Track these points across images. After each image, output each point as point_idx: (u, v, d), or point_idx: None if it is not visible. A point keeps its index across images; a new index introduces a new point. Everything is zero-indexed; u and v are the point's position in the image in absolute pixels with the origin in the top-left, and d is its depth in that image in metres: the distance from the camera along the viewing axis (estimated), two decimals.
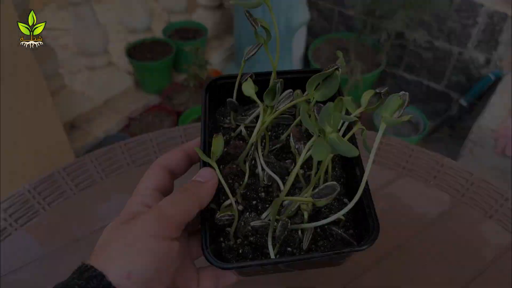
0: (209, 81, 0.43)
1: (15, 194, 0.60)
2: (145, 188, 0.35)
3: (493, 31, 1.54)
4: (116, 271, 0.28)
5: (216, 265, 0.32)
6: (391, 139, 0.69)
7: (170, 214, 0.31)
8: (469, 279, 0.52)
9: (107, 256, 0.29)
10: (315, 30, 2.02)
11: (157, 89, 1.85)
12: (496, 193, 0.61)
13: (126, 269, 0.28)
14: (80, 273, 0.29)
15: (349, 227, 0.38)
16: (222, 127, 0.44)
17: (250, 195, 0.39)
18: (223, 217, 0.35)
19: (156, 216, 0.31)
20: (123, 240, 0.30)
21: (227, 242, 0.36)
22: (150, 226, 0.30)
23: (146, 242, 0.29)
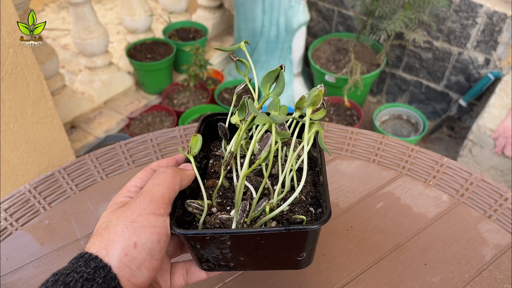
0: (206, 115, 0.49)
1: (15, 194, 0.60)
2: (133, 185, 0.39)
3: (493, 31, 1.54)
4: (123, 243, 0.32)
5: (175, 231, 0.35)
6: (390, 139, 0.70)
7: (161, 194, 0.35)
8: (469, 279, 0.52)
9: (112, 232, 0.33)
10: (315, 30, 2.02)
11: (157, 89, 1.85)
12: (495, 193, 0.62)
13: (132, 240, 0.32)
14: (86, 262, 0.32)
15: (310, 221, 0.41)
16: (214, 155, 0.49)
17: (226, 202, 0.43)
18: (192, 203, 0.39)
19: (149, 198, 0.35)
20: (124, 218, 0.33)
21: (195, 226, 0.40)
22: (148, 206, 0.34)
23: (147, 218, 0.34)
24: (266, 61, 1.87)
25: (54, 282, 0.30)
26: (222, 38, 2.18)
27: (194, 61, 1.71)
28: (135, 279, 0.33)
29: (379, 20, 1.65)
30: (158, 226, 0.34)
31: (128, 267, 0.32)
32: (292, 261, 0.39)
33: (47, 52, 1.47)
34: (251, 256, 0.39)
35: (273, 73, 0.39)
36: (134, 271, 0.32)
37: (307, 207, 0.42)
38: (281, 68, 0.40)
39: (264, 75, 0.40)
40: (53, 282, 0.31)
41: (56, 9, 2.59)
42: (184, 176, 0.39)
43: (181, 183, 0.38)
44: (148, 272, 0.33)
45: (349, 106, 1.75)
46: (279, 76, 0.40)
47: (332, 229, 0.57)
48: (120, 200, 0.37)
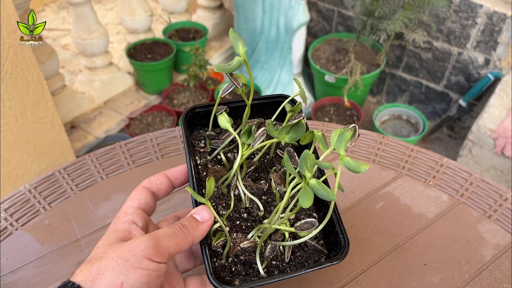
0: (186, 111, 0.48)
1: (15, 194, 0.60)
2: (129, 206, 0.39)
3: (492, 31, 1.54)
4: (110, 279, 0.32)
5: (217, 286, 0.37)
6: (390, 139, 0.70)
7: (166, 245, 0.35)
8: (469, 279, 0.52)
9: (102, 266, 0.33)
10: (315, 31, 2.02)
11: (157, 89, 1.85)
12: (495, 193, 0.62)
13: (120, 279, 0.32)
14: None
15: (320, 238, 0.45)
16: (198, 152, 0.49)
17: (234, 215, 0.44)
18: (218, 244, 0.41)
19: (153, 243, 0.34)
20: (119, 254, 0.33)
21: (220, 261, 0.41)
22: (146, 249, 0.34)
23: (140, 260, 0.33)
24: (266, 61, 1.87)
25: None
26: (222, 38, 2.18)
27: (194, 61, 1.71)
28: None
29: (379, 20, 1.65)
30: (150, 269, 0.33)
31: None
32: None
33: (47, 52, 1.47)
34: None
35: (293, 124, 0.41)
36: None
37: (311, 212, 0.46)
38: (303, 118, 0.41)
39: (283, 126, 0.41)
40: None
41: (56, 9, 2.59)
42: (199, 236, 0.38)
43: (193, 242, 0.38)
44: None
45: (349, 106, 1.75)
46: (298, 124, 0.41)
47: None
48: (120, 227, 0.37)
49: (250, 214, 0.45)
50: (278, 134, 0.41)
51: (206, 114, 0.49)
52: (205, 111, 0.49)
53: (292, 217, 0.45)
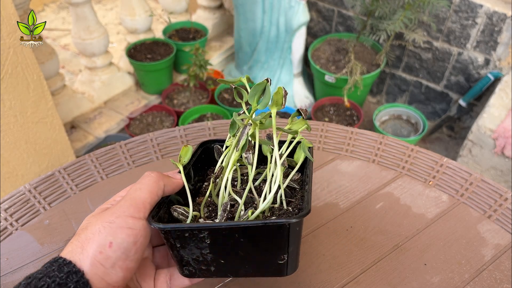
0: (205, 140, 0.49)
1: (15, 194, 0.60)
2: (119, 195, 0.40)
3: (492, 31, 1.54)
4: (99, 241, 0.33)
5: (153, 225, 0.36)
6: (390, 139, 0.70)
7: (142, 198, 0.36)
8: (469, 279, 0.52)
9: (89, 231, 0.34)
10: (315, 31, 2.02)
11: (157, 89, 1.85)
12: (495, 193, 0.62)
13: (108, 239, 0.33)
14: (59, 267, 0.32)
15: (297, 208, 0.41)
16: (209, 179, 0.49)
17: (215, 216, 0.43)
18: (178, 209, 0.40)
19: (130, 203, 0.36)
20: (103, 219, 0.34)
21: None
22: (127, 209, 0.35)
23: (125, 219, 0.34)
24: (266, 61, 1.87)
25: (26, 286, 0.31)
26: (222, 38, 2.18)
27: (194, 61, 1.71)
28: (109, 277, 0.33)
29: (379, 20, 1.65)
30: (135, 229, 0.34)
31: (102, 265, 0.33)
32: (274, 266, 0.38)
33: (47, 52, 1.47)
34: (231, 259, 0.38)
35: (259, 86, 0.40)
36: (108, 269, 0.33)
37: None
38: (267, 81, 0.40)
39: (252, 87, 0.40)
40: (25, 285, 0.31)
41: (56, 9, 2.59)
42: (169, 182, 0.39)
43: (165, 188, 0.39)
44: (122, 272, 0.34)
45: (349, 106, 1.75)
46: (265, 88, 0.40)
47: (332, 229, 0.57)
48: (104, 206, 0.38)
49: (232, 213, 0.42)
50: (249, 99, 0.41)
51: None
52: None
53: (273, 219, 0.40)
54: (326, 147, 0.69)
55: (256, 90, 0.40)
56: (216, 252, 0.37)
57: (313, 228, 0.57)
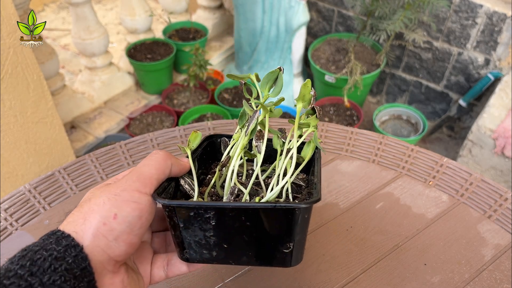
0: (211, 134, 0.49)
1: (15, 194, 0.60)
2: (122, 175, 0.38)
3: (492, 31, 1.54)
4: (103, 213, 0.32)
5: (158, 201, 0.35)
6: (390, 139, 0.70)
7: (149, 174, 0.36)
8: (469, 279, 0.52)
9: (93, 203, 0.33)
10: (315, 31, 2.02)
11: (157, 89, 1.85)
12: (495, 193, 0.62)
13: (113, 211, 0.32)
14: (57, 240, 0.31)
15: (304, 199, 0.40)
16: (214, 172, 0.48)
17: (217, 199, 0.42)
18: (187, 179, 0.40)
19: (137, 176, 0.35)
20: (108, 192, 0.33)
21: None
22: (133, 183, 0.34)
23: (131, 193, 0.33)
24: (266, 61, 1.87)
25: (21, 258, 0.29)
26: (222, 38, 2.18)
27: (194, 61, 1.71)
28: (111, 250, 0.32)
29: (379, 20, 1.65)
30: (141, 203, 0.33)
31: (105, 237, 0.32)
32: (278, 254, 0.37)
33: (47, 52, 1.47)
34: (235, 243, 0.37)
35: (272, 74, 0.40)
36: (110, 242, 0.32)
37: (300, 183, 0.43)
38: (280, 70, 0.40)
39: (264, 76, 0.40)
40: (20, 257, 0.29)
41: (56, 9, 2.59)
42: (176, 162, 0.39)
43: (172, 168, 0.38)
44: (125, 246, 0.33)
45: (349, 106, 1.75)
46: (278, 77, 0.40)
47: (332, 229, 0.57)
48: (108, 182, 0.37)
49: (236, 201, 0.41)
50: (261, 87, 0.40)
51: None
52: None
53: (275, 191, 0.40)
54: (326, 147, 0.69)
55: (268, 78, 0.40)
56: (220, 235, 0.36)
57: (313, 228, 0.57)
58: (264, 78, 0.40)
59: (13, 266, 0.28)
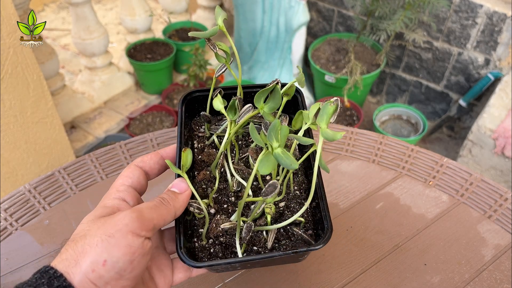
0: (184, 94, 0.47)
1: (15, 194, 0.60)
2: (121, 184, 0.38)
3: (492, 31, 1.54)
4: (93, 257, 0.31)
5: (188, 263, 0.36)
6: (390, 139, 0.70)
7: (149, 217, 0.34)
8: (469, 279, 0.52)
9: (87, 243, 0.32)
10: (315, 31, 2.02)
11: (157, 89, 1.85)
12: (495, 193, 0.62)
13: (103, 257, 0.31)
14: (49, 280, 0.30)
15: (309, 228, 0.42)
16: (197, 136, 0.49)
17: (222, 199, 0.43)
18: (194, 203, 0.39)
19: (136, 215, 0.33)
20: (104, 231, 0.32)
21: (200, 242, 0.41)
22: (130, 223, 0.33)
23: (125, 235, 0.32)
24: (266, 61, 1.87)
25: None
26: (222, 38, 2.18)
27: (194, 61, 1.71)
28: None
29: (379, 20, 1.65)
30: (133, 246, 0.32)
31: (94, 284, 0.31)
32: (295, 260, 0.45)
33: (47, 52, 1.47)
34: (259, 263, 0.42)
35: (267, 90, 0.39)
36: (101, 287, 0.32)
37: (302, 201, 0.44)
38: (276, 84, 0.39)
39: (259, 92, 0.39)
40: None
41: (56, 9, 2.59)
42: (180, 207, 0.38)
43: (176, 213, 0.37)
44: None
45: (349, 106, 1.75)
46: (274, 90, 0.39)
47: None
48: (108, 204, 0.36)
49: (238, 198, 0.44)
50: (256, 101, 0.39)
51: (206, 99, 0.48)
52: (205, 96, 0.48)
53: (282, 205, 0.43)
54: (326, 147, 0.69)
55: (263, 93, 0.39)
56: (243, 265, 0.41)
57: None
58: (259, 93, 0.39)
59: None
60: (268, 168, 0.33)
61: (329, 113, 0.34)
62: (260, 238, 0.40)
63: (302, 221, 0.42)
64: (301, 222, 0.42)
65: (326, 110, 0.34)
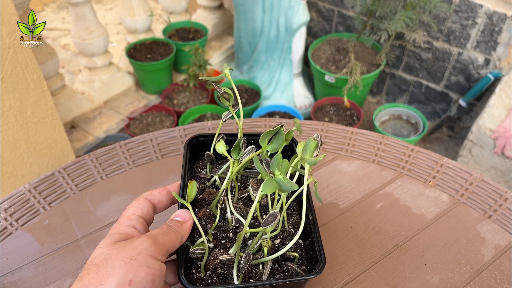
0: (190, 138, 0.52)
1: (15, 194, 0.60)
2: (132, 213, 0.41)
3: (492, 31, 1.54)
4: (118, 278, 0.33)
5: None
6: (390, 139, 0.70)
7: (163, 242, 0.37)
8: (469, 279, 0.52)
9: (109, 266, 0.34)
10: (315, 31, 2.02)
11: (157, 89, 1.85)
12: (495, 193, 0.62)
13: (128, 277, 0.33)
14: None
15: (302, 264, 0.45)
16: (199, 177, 0.52)
17: (220, 235, 0.46)
18: (196, 251, 0.42)
19: (152, 241, 0.37)
20: (125, 254, 0.35)
21: (198, 274, 0.42)
22: (149, 247, 0.36)
23: (145, 258, 0.35)
24: (266, 61, 1.87)
25: None
26: (222, 38, 2.18)
27: (193, 61, 1.71)
28: None
29: (379, 20, 1.65)
30: (154, 268, 0.35)
31: None
32: None
33: (47, 52, 1.47)
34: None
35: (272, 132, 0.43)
36: None
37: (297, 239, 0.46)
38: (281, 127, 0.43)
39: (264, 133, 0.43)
40: None
41: (56, 9, 2.59)
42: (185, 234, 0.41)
43: (182, 239, 0.40)
44: None
45: (349, 106, 1.75)
46: (278, 132, 0.43)
47: (332, 229, 0.57)
48: (122, 230, 0.38)
49: (236, 234, 0.46)
50: (260, 142, 0.43)
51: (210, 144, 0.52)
52: (209, 140, 0.52)
53: (278, 241, 0.46)
54: (326, 147, 0.69)
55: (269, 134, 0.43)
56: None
57: None
58: (264, 134, 0.43)
59: None
60: (270, 189, 0.38)
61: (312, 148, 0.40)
62: (256, 272, 0.43)
63: (297, 256, 0.44)
64: (295, 258, 0.44)
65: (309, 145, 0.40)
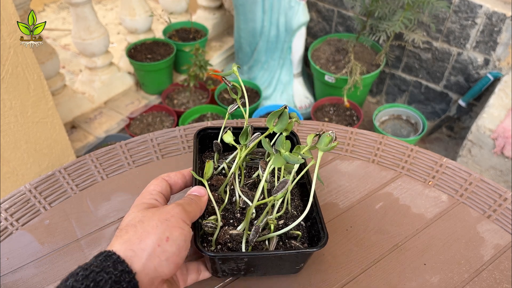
0: (199, 129, 0.56)
1: (15, 194, 0.60)
2: (153, 189, 0.44)
3: (492, 31, 1.54)
4: (157, 235, 0.37)
5: (205, 253, 0.42)
6: (390, 139, 0.70)
7: (189, 210, 0.42)
8: (468, 279, 0.52)
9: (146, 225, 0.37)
10: (315, 31, 2.02)
11: (158, 89, 1.86)
12: (495, 193, 0.62)
13: (165, 234, 0.37)
14: (114, 264, 0.35)
15: (304, 242, 0.49)
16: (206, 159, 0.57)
17: (228, 215, 0.50)
18: (208, 224, 0.45)
19: (181, 208, 0.41)
20: (159, 216, 0.38)
21: (209, 248, 0.46)
22: (180, 213, 0.40)
23: (177, 220, 0.39)
24: (266, 61, 1.87)
25: (85, 277, 0.33)
26: (222, 38, 2.18)
27: (194, 62, 1.72)
28: (161, 269, 0.37)
29: (378, 20, 1.65)
30: (185, 230, 0.39)
31: (158, 257, 0.36)
32: (292, 270, 0.49)
33: (47, 52, 1.47)
34: (261, 268, 0.47)
35: (277, 112, 0.45)
36: (162, 261, 0.37)
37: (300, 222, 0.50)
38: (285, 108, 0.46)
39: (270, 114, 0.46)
40: (83, 276, 0.33)
41: (57, 9, 2.59)
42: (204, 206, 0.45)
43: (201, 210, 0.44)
44: (173, 266, 0.38)
45: (349, 106, 1.75)
46: (282, 113, 0.45)
47: (332, 229, 0.57)
48: (147, 201, 0.42)
49: (243, 215, 0.50)
50: (267, 122, 0.46)
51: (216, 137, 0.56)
52: (216, 133, 0.56)
53: (281, 222, 0.50)
54: None
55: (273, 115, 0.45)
56: (250, 265, 0.46)
57: None
58: (270, 115, 0.46)
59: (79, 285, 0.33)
60: (279, 163, 0.43)
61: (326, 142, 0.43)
62: (262, 247, 0.46)
63: (299, 235, 0.48)
64: (298, 236, 0.48)
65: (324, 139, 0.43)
